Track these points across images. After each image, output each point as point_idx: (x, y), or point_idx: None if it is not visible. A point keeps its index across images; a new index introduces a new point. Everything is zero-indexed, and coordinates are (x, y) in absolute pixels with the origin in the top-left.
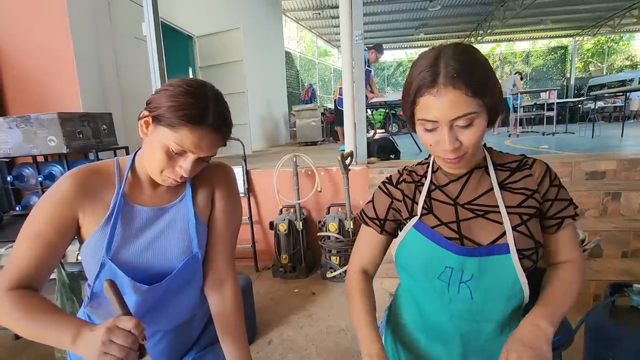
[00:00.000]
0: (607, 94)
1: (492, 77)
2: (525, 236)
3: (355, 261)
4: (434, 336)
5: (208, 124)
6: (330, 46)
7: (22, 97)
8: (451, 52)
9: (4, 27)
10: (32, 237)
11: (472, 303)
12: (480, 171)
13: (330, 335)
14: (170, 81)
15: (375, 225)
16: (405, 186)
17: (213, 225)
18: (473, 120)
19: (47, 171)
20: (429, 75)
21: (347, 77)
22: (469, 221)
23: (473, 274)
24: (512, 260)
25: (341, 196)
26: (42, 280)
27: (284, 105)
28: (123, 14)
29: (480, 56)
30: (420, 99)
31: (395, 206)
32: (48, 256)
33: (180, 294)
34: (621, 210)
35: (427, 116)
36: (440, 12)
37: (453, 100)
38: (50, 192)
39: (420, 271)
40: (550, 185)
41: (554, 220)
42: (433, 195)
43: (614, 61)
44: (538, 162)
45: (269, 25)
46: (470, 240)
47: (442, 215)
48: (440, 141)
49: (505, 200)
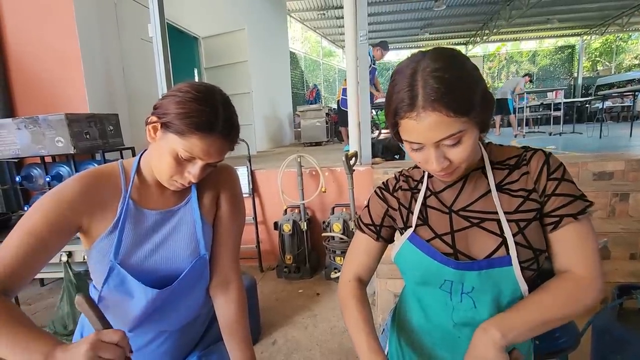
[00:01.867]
0: (615, 94)
1: (478, 89)
2: (523, 247)
3: (350, 269)
4: (440, 341)
5: (217, 131)
6: (334, 46)
7: (31, 99)
8: (429, 66)
9: (14, 30)
10: (25, 233)
11: (476, 312)
12: (477, 173)
13: (335, 335)
14: (178, 86)
15: (371, 232)
16: (401, 194)
17: (218, 226)
18: (461, 139)
19: (54, 172)
20: (407, 98)
21: (352, 78)
22: (464, 231)
23: (474, 287)
24: (515, 272)
25: (345, 197)
26: (23, 280)
27: (288, 106)
28: (129, 15)
29: (463, 66)
30: (400, 120)
31: (390, 214)
32: (38, 255)
33: (187, 295)
34: (629, 211)
35: (410, 138)
36: (445, 12)
37: (434, 124)
38: (53, 192)
39: (420, 281)
40: (548, 179)
41: (552, 218)
42: (429, 202)
43: (622, 60)
44: (536, 154)
45: (273, 26)
46: (464, 255)
47: (436, 226)
48: (429, 161)
49: (503, 205)
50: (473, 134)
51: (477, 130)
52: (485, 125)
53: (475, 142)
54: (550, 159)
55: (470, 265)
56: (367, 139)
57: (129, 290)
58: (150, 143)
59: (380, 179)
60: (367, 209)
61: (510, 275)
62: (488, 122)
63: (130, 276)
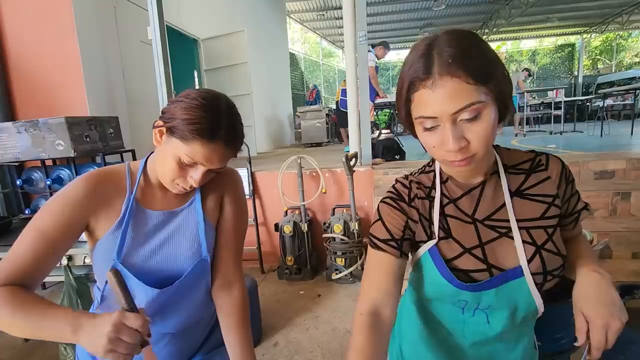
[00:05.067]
0: (616, 92)
1: (497, 61)
2: (553, 254)
3: (366, 298)
4: (448, 354)
5: (220, 138)
6: (334, 47)
7: (31, 102)
8: (446, 38)
9: (14, 34)
10: (36, 234)
11: (488, 327)
12: (494, 177)
13: (336, 337)
14: (186, 92)
15: (392, 248)
16: (419, 203)
17: (221, 229)
18: (480, 112)
19: (55, 175)
20: (421, 66)
21: (351, 78)
22: (493, 243)
23: (490, 304)
24: (527, 282)
25: (346, 197)
26: (37, 280)
27: (288, 107)
28: (129, 18)
29: (480, 40)
30: (414, 94)
31: (410, 226)
32: (49, 255)
33: (188, 296)
34: (631, 210)
35: (425, 112)
36: (445, 12)
37: (452, 91)
38: (61, 193)
39: (432, 297)
40: (566, 185)
41: (571, 217)
42: (447, 211)
43: (623, 58)
44: (553, 160)
45: (273, 27)
46: (498, 269)
47: (463, 239)
48: (444, 141)
49: (525, 211)
50: (492, 110)
51: (495, 108)
52: (504, 106)
53: (495, 123)
54: (565, 164)
55: (487, 284)
56: (367, 139)
57: (130, 290)
58: (156, 146)
59: (381, 180)
60: (380, 223)
61: (524, 287)
62: (508, 102)
63: (132, 275)
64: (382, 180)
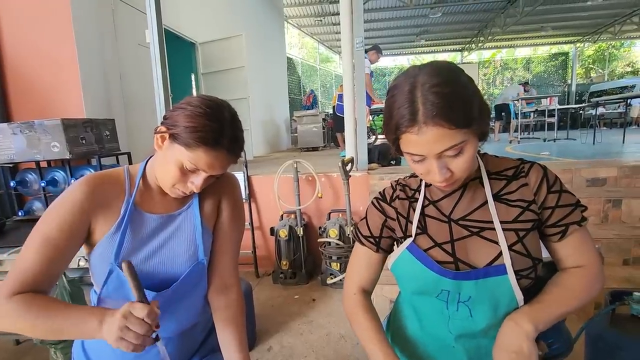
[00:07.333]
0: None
1: (476, 100)
2: (522, 255)
3: (352, 281)
4: (435, 351)
5: (223, 146)
6: (331, 52)
7: (27, 104)
8: (428, 81)
9: (10, 35)
10: (42, 241)
11: (472, 321)
12: (475, 183)
13: (330, 342)
14: (189, 99)
15: (371, 244)
16: (399, 204)
17: (219, 233)
18: (462, 149)
19: (50, 177)
20: (407, 114)
21: (348, 84)
22: (464, 240)
23: (471, 296)
24: (510, 280)
25: (342, 202)
26: (49, 286)
27: (285, 111)
28: (126, 21)
29: (460, 79)
30: (402, 135)
31: (389, 224)
32: (57, 261)
33: (185, 300)
34: (622, 217)
35: (413, 151)
36: (441, 19)
37: (436, 137)
38: (62, 198)
39: (417, 290)
40: (548, 192)
41: (557, 229)
42: (427, 211)
43: (615, 67)
44: (534, 168)
45: (271, 31)
46: (465, 263)
47: (436, 235)
48: (431, 171)
49: (500, 214)
50: (474, 143)
51: (477, 140)
52: (484, 135)
53: (476, 150)
54: (548, 172)
55: (467, 274)
56: (364, 144)
57: (127, 293)
58: (156, 151)
59: (377, 185)
60: (365, 221)
61: (506, 284)
62: (487, 131)
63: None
64: (378, 186)
